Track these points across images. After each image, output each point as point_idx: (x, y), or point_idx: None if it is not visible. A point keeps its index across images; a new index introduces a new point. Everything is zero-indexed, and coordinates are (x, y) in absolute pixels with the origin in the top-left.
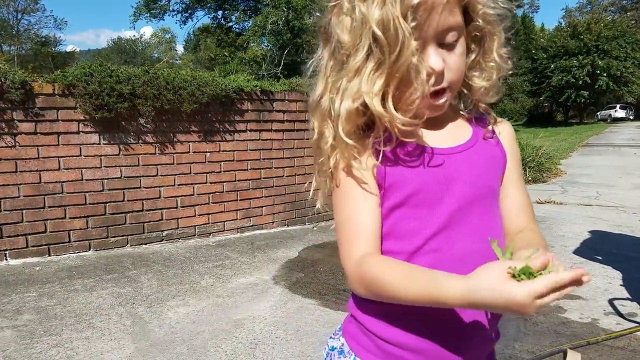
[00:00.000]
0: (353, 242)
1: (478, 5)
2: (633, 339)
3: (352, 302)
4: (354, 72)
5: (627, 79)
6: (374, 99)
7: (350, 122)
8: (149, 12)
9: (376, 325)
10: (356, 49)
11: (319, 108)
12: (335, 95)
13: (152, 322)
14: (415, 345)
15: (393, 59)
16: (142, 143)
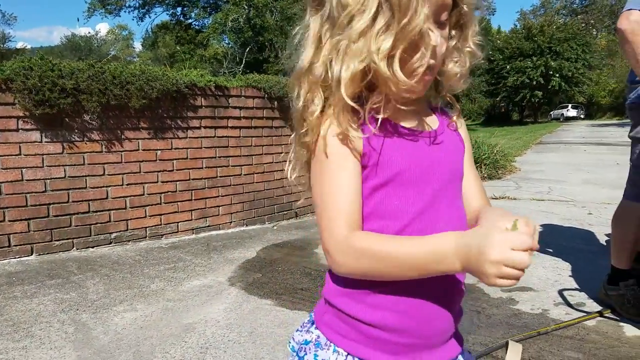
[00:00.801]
0: (339, 218)
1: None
2: (581, 328)
3: (331, 289)
4: (358, 33)
5: (578, 80)
6: (381, 59)
7: (354, 84)
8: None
9: (358, 309)
10: (362, 9)
11: (309, 74)
12: (335, 57)
13: (96, 329)
14: (398, 324)
15: (405, 22)
16: (87, 141)
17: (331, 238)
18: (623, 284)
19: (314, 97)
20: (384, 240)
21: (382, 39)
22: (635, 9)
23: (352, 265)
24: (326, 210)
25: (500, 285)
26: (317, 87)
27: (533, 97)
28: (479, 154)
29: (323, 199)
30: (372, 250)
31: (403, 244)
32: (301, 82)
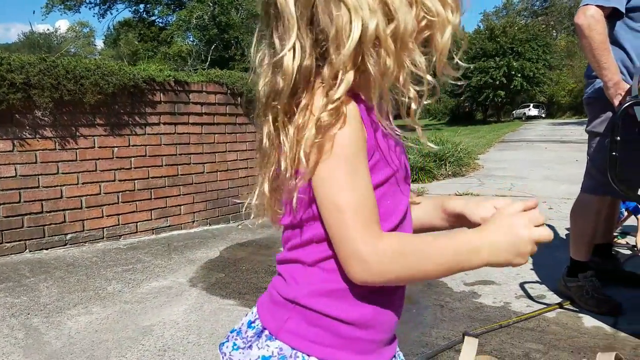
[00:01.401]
0: (373, 221)
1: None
2: (542, 319)
3: (303, 291)
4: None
5: (539, 80)
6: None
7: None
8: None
9: (340, 309)
10: None
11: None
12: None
13: (48, 334)
14: (375, 319)
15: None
16: (39, 138)
17: (370, 245)
18: (582, 275)
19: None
20: (417, 238)
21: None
22: (592, 4)
23: (395, 270)
24: (357, 213)
25: (534, 251)
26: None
27: (496, 97)
28: (444, 152)
29: (351, 200)
30: (416, 249)
31: (435, 240)
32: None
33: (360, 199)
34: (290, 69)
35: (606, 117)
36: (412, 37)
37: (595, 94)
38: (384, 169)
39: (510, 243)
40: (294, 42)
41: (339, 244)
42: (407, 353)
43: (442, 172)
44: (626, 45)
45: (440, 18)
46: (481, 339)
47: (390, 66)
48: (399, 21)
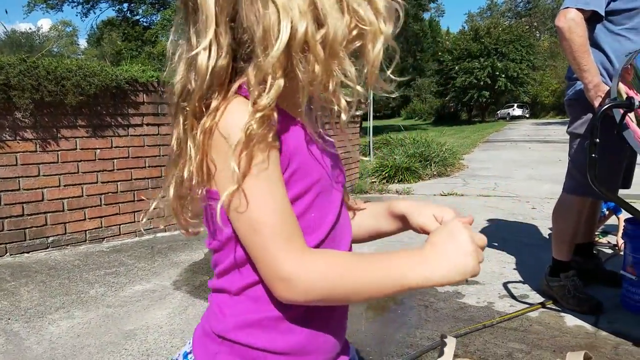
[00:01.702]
0: (293, 237)
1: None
2: (525, 319)
3: (227, 323)
4: None
5: (522, 80)
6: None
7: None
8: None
9: (270, 339)
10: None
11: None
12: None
13: (29, 339)
14: (311, 344)
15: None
16: (20, 140)
17: (291, 262)
18: (564, 275)
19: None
20: (348, 255)
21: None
22: (572, 7)
23: (322, 288)
24: (277, 229)
25: (478, 271)
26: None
27: (480, 97)
28: (429, 152)
29: (268, 216)
30: (345, 266)
31: (370, 257)
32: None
33: (279, 214)
34: (204, 68)
35: (587, 119)
36: (342, 46)
37: (576, 96)
38: (303, 179)
39: (456, 265)
40: (210, 41)
41: (261, 264)
42: (391, 354)
43: (427, 172)
44: (606, 47)
45: (373, 28)
46: (465, 339)
47: (319, 74)
48: (330, 27)
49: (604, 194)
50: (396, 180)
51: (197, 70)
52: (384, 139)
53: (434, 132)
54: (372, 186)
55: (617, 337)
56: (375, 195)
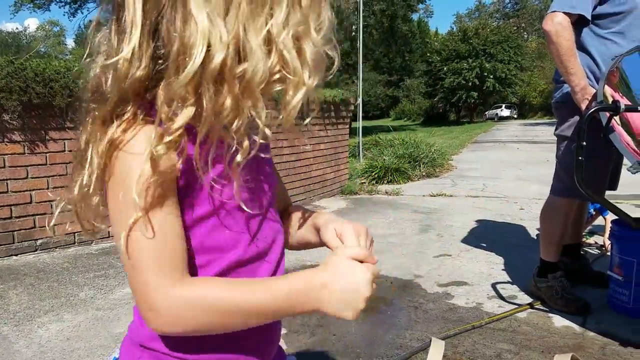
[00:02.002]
0: (169, 267)
1: None
2: (513, 320)
3: (146, 334)
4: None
5: (510, 81)
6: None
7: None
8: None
9: (181, 347)
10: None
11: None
12: (287, 40)
13: (18, 342)
14: (230, 352)
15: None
16: (7, 142)
17: (161, 293)
18: (551, 276)
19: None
20: (224, 285)
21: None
22: (559, 11)
23: (190, 319)
24: (151, 258)
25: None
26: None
27: (469, 98)
28: (418, 153)
29: (137, 247)
30: (222, 297)
31: (248, 290)
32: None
33: (152, 246)
34: (123, 76)
35: (574, 121)
36: (260, 87)
37: (563, 99)
38: (208, 200)
39: (347, 298)
40: (133, 48)
41: (132, 288)
42: (381, 355)
43: (416, 173)
44: (592, 51)
45: (296, 77)
46: (454, 340)
47: (228, 109)
48: (250, 65)
49: (591, 196)
50: (385, 181)
51: (116, 76)
52: (373, 140)
53: (422, 132)
54: (362, 187)
55: (605, 338)
56: (365, 196)
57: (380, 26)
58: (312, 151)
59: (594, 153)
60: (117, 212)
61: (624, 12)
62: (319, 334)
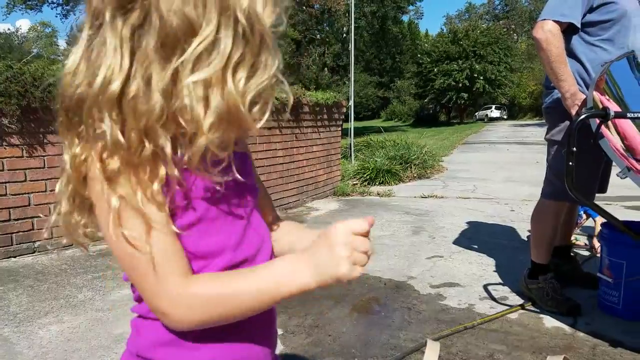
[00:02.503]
0: (168, 265)
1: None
2: (505, 321)
3: (146, 342)
4: (221, 68)
5: (500, 82)
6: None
7: (222, 124)
8: (24, 3)
9: (187, 357)
10: (222, 34)
11: (135, 103)
12: (192, 91)
13: (20, 344)
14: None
15: (261, 65)
16: (6, 146)
17: (164, 293)
18: (542, 277)
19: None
20: (226, 278)
21: (240, 77)
22: (549, 19)
23: (198, 317)
24: (142, 270)
25: (355, 275)
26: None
27: (459, 99)
28: (409, 155)
29: (131, 261)
30: (220, 293)
31: (248, 278)
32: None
33: (152, 252)
34: (67, 87)
35: (564, 126)
36: (159, 123)
37: (554, 104)
38: (194, 206)
39: (326, 268)
40: (74, 62)
41: (142, 296)
42: (376, 355)
43: (407, 175)
44: (582, 57)
45: (195, 124)
46: (447, 340)
47: (120, 141)
48: (149, 101)
49: (581, 200)
50: (377, 183)
51: (60, 88)
52: (365, 141)
53: (413, 133)
54: (354, 188)
55: (595, 338)
56: (357, 198)
57: (371, 28)
58: (305, 153)
59: (584, 158)
60: (105, 224)
61: (613, 20)
62: (315, 335)
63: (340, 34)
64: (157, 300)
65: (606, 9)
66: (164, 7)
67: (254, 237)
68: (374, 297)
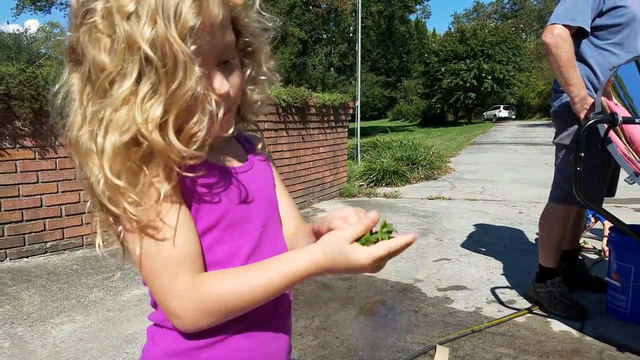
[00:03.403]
0: (176, 269)
1: (245, 19)
2: (512, 324)
3: (158, 351)
4: (121, 100)
5: (509, 82)
6: (152, 130)
7: (120, 159)
8: (33, 4)
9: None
10: (123, 73)
11: (79, 145)
12: (97, 128)
13: (33, 343)
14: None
15: (174, 87)
16: (19, 148)
17: (175, 299)
18: (550, 281)
19: (93, 168)
20: (239, 275)
21: (150, 106)
22: (559, 23)
23: (214, 317)
24: (156, 274)
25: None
26: (91, 157)
27: (467, 99)
28: (416, 156)
29: (149, 267)
30: (232, 291)
31: (260, 279)
32: (75, 153)
33: (161, 252)
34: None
35: (572, 130)
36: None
37: (562, 108)
38: (205, 215)
39: (349, 272)
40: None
41: (155, 297)
42: (383, 358)
43: (414, 176)
44: (591, 61)
45: (92, 163)
46: (454, 344)
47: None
48: (77, 133)
49: (589, 205)
50: (384, 184)
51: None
52: (371, 142)
53: (420, 133)
54: (360, 190)
55: (602, 343)
56: (364, 199)
57: (377, 27)
58: (312, 154)
59: (592, 163)
60: (128, 221)
61: (622, 24)
62: (322, 337)
63: (347, 33)
64: (168, 302)
65: (615, 13)
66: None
67: (268, 246)
68: (381, 299)
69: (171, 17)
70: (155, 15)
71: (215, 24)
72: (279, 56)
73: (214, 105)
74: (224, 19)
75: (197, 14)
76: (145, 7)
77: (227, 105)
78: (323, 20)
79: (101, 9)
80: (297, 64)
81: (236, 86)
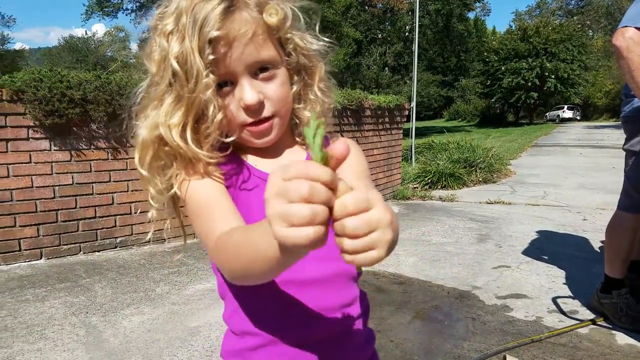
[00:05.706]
0: (213, 222)
1: (290, 41)
2: (574, 335)
3: (224, 351)
4: (156, 101)
5: (574, 81)
6: (171, 131)
7: (145, 151)
8: (101, 10)
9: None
10: (160, 79)
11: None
12: (142, 122)
13: (106, 332)
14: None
15: (188, 93)
16: (94, 149)
17: (209, 247)
18: (616, 292)
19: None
20: (241, 230)
21: (174, 110)
22: (631, 26)
23: (221, 261)
24: (201, 227)
25: (298, 241)
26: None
27: (528, 99)
28: (474, 158)
29: (198, 207)
30: (232, 240)
31: (256, 238)
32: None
33: (200, 220)
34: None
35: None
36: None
37: (633, 113)
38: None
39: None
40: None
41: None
42: None
43: (472, 179)
44: None
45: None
46: (513, 353)
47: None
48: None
49: None
50: (439, 187)
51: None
52: (426, 143)
53: (478, 134)
54: (415, 192)
55: None
56: (418, 202)
57: (435, 26)
58: (366, 157)
59: None
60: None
61: None
62: (377, 340)
63: (403, 32)
64: (207, 245)
65: None
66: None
67: (313, 257)
68: (437, 305)
69: (196, 29)
70: (184, 31)
71: (240, 38)
72: (334, 57)
73: (218, 112)
74: (257, 36)
75: (220, 28)
76: (180, 26)
77: (257, 113)
78: (379, 20)
79: (158, 28)
80: (351, 64)
81: (274, 97)
